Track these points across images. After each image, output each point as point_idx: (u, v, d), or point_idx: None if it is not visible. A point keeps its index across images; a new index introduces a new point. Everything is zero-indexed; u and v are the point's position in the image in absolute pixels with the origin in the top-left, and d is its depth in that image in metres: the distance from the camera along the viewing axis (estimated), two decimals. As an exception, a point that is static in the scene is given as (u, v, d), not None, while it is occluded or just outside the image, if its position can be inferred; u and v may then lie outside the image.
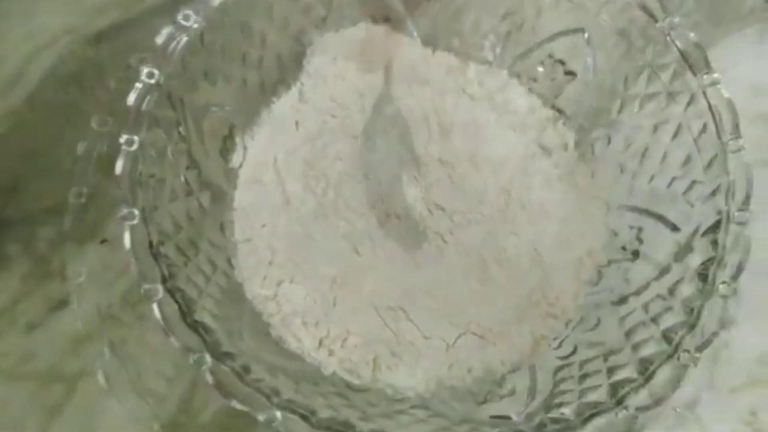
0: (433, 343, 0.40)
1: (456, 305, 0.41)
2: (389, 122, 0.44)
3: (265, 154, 0.44)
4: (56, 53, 0.52)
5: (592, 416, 0.33)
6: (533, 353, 0.40)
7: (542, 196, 0.45)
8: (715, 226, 0.37)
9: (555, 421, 0.34)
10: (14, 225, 0.46)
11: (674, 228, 0.40)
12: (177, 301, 0.33)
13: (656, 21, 0.41)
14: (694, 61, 0.40)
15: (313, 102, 0.46)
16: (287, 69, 0.46)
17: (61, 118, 0.49)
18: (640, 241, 0.42)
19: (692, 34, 0.40)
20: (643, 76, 0.43)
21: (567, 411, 0.34)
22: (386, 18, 0.47)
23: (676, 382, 0.33)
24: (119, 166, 0.36)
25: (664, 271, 0.39)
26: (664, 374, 0.34)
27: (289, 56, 0.46)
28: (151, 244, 0.34)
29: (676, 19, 0.41)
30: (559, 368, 0.39)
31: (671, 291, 0.37)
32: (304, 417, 0.31)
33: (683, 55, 0.40)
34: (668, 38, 0.41)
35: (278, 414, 0.31)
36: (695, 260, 0.37)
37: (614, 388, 0.34)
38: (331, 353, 0.39)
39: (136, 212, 0.35)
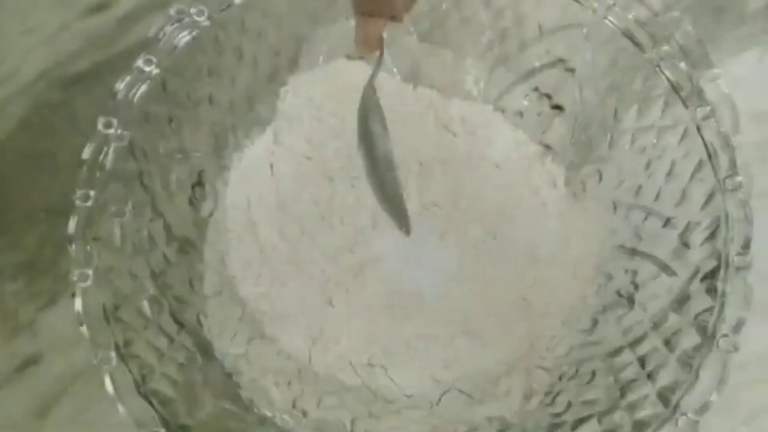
0: (415, 401, 0.38)
1: (439, 360, 0.39)
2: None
3: (238, 201, 0.43)
4: (30, 98, 0.50)
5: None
6: (523, 410, 0.38)
7: (530, 236, 0.42)
8: (714, 272, 0.34)
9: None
10: (-22, 280, 0.44)
11: (671, 272, 0.37)
12: (131, 370, 0.31)
13: (644, 51, 0.39)
14: (686, 93, 0.38)
15: (288, 144, 0.44)
16: (260, 111, 0.44)
17: (33, 169, 0.48)
18: (636, 286, 0.39)
19: (683, 64, 0.38)
20: (633, 109, 0.40)
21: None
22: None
23: (673, 450, 0.30)
24: (72, 224, 0.34)
25: (661, 320, 0.36)
26: (661, 439, 0.31)
27: (262, 97, 0.44)
28: (105, 309, 0.32)
29: (665, 48, 0.39)
30: (552, 427, 0.36)
31: (668, 343, 0.34)
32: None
33: (674, 87, 0.38)
34: (657, 69, 0.38)
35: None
36: (693, 309, 0.34)
37: (607, 455, 0.31)
38: (305, 415, 0.37)
39: (90, 273, 0.33)
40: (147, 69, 0.37)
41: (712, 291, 0.34)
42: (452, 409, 0.37)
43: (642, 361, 0.35)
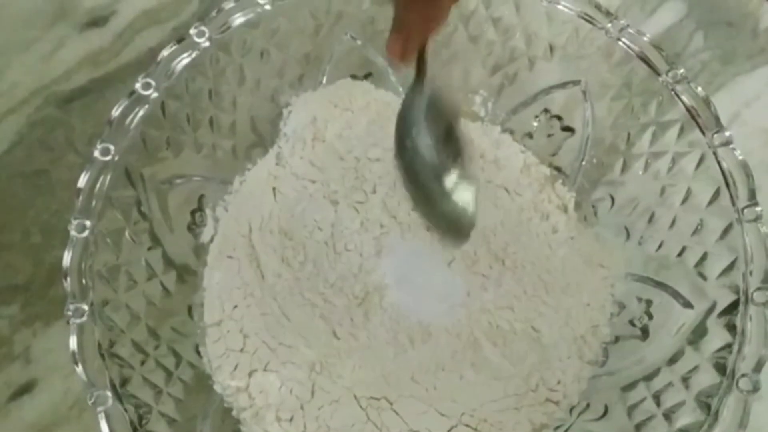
0: (422, 437, 0.36)
1: (446, 393, 0.37)
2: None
3: (239, 226, 0.41)
4: (26, 115, 0.49)
5: None
6: (533, 447, 0.36)
7: (539, 264, 0.41)
8: (733, 307, 0.33)
9: None
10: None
11: (686, 304, 0.36)
12: (127, 410, 0.30)
13: (659, 74, 0.38)
14: (703, 118, 0.36)
15: (291, 166, 0.43)
16: (262, 132, 0.43)
17: (28, 187, 0.46)
18: (650, 316, 0.38)
19: (699, 89, 0.37)
20: (647, 133, 0.39)
21: None
22: (367, 74, 0.44)
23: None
24: (67, 256, 0.32)
25: (678, 354, 0.35)
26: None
27: (264, 119, 0.43)
28: (100, 346, 0.31)
29: (681, 71, 0.37)
30: (563, 465, 0.35)
31: (685, 380, 0.33)
32: None
33: (690, 111, 0.37)
34: (673, 93, 0.37)
35: None
36: (711, 345, 0.33)
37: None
38: (308, 453, 0.36)
39: (85, 308, 0.32)
40: (145, 93, 0.36)
41: (730, 327, 0.33)
42: (459, 444, 0.36)
43: (657, 398, 0.34)
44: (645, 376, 0.35)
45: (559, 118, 0.43)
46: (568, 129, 0.43)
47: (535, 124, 0.43)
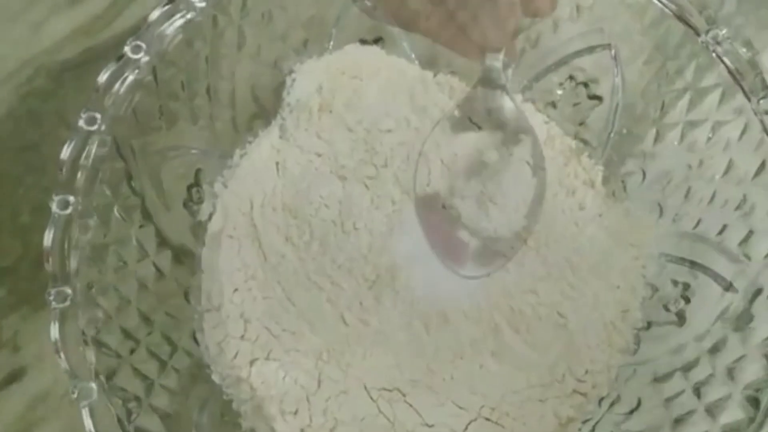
0: (437, 431, 0.33)
1: (464, 384, 0.34)
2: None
3: (240, 203, 0.38)
4: (15, 87, 0.46)
5: None
6: (560, 442, 0.34)
7: (565, 243, 0.38)
8: (784, 290, 0.30)
9: None
10: (-43, 291, 0.41)
11: (728, 287, 0.33)
12: (113, 404, 0.27)
13: (698, 34, 0.34)
14: (748, 82, 0.33)
15: (295, 139, 0.40)
16: (264, 103, 0.40)
17: (18, 164, 0.44)
18: (687, 300, 0.35)
19: (744, 50, 0.33)
20: (683, 100, 0.36)
21: None
22: (377, 38, 0.41)
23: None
24: (48, 236, 0.30)
25: (720, 343, 0.32)
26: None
27: (266, 88, 0.40)
28: (84, 334, 0.28)
29: (723, 31, 0.34)
30: (593, 463, 0.32)
31: (730, 372, 0.30)
32: None
33: (733, 74, 0.33)
34: (714, 55, 0.34)
35: None
36: (759, 333, 0.30)
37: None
38: (312, 446, 0.33)
39: (69, 292, 0.29)
40: (135, 57, 0.33)
41: (781, 312, 0.30)
42: (480, 439, 0.33)
43: (698, 391, 0.31)
44: (683, 366, 0.33)
45: (585, 85, 0.40)
46: (596, 97, 0.40)
47: (560, 92, 0.40)
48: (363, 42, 0.41)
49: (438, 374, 0.35)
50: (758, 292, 0.31)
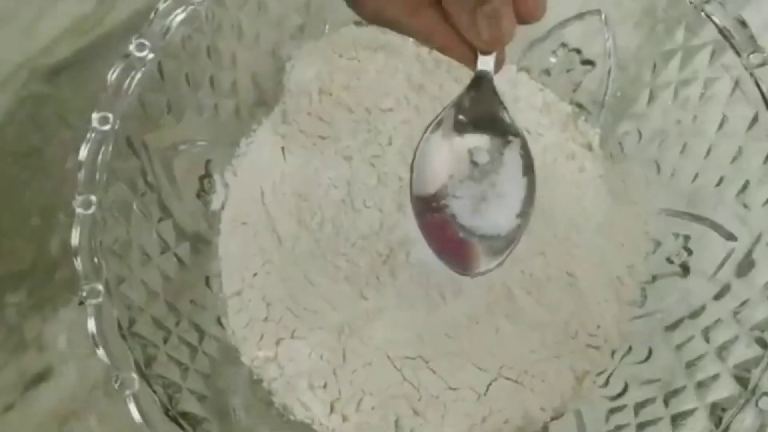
0: (461, 393, 0.35)
1: (483, 347, 0.36)
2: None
3: (251, 190, 0.39)
4: (12, 91, 0.46)
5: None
6: (577, 394, 0.35)
7: (569, 206, 0.39)
8: (783, 234, 0.31)
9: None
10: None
11: (729, 236, 0.34)
12: (156, 392, 0.28)
13: (686, -6, 0.35)
14: (737, 39, 0.34)
15: (298, 123, 0.40)
16: (265, 90, 0.41)
17: (22, 168, 0.44)
18: (689, 251, 0.36)
19: (732, 7, 0.34)
20: (675, 59, 0.37)
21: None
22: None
23: (759, 435, 0.28)
24: (75, 235, 0.30)
25: (724, 289, 0.33)
26: (742, 423, 0.28)
27: (266, 75, 0.41)
28: (120, 326, 0.29)
29: (711, -11, 0.35)
30: (611, 412, 0.33)
31: (736, 314, 0.32)
32: None
33: (723, 32, 0.34)
34: (703, 14, 0.35)
35: None
36: (762, 277, 0.31)
37: (683, 445, 0.29)
38: (345, 419, 0.34)
39: (101, 288, 0.30)
40: (140, 55, 0.34)
41: (781, 256, 0.31)
42: (501, 398, 0.35)
43: (706, 335, 0.32)
44: (690, 313, 0.34)
45: (578, 51, 0.40)
46: (588, 62, 0.40)
47: (553, 60, 0.41)
48: (358, 24, 0.41)
49: (457, 340, 0.36)
50: (758, 238, 0.33)
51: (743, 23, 0.34)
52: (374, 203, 0.38)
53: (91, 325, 0.29)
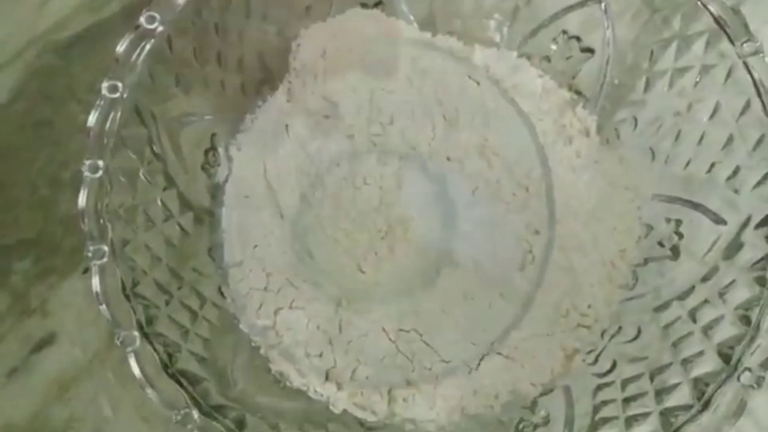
0: (453, 366, 0.36)
1: (476, 323, 0.37)
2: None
3: (254, 165, 0.40)
4: (23, 65, 0.47)
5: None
6: (566, 371, 0.36)
7: (564, 189, 0.40)
8: (768, 218, 0.32)
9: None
10: (-15, 259, 0.42)
11: (718, 220, 0.35)
12: (156, 350, 0.29)
13: (683, -17, 0.36)
14: (732, 28, 0.35)
15: (303, 102, 0.41)
16: (271, 68, 0.42)
17: (32, 140, 0.45)
18: (680, 235, 0.37)
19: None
20: (671, 48, 0.38)
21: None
22: (377, 2, 0.42)
23: (739, 408, 0.28)
24: (82, 197, 0.31)
25: (712, 271, 0.34)
26: (724, 398, 0.29)
27: (273, 53, 0.41)
28: (123, 286, 0.30)
29: (707, -20, 0.36)
30: (599, 388, 0.34)
31: (722, 295, 0.32)
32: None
33: (718, 21, 0.35)
34: (699, 3, 0.36)
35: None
36: (747, 258, 0.32)
37: (666, 417, 0.30)
38: (339, 387, 0.35)
39: (105, 249, 0.31)
40: (150, 27, 0.34)
41: (767, 238, 0.32)
42: (493, 373, 0.36)
43: (693, 315, 0.33)
44: (679, 295, 0.35)
45: (578, 39, 0.41)
46: (588, 50, 0.41)
47: (553, 47, 0.42)
48: (363, 6, 0.42)
49: (451, 314, 0.37)
50: (746, 222, 0.33)
51: (738, 12, 0.35)
52: (374, 180, 0.39)
53: (96, 284, 0.30)
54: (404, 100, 0.41)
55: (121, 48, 0.34)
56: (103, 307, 0.30)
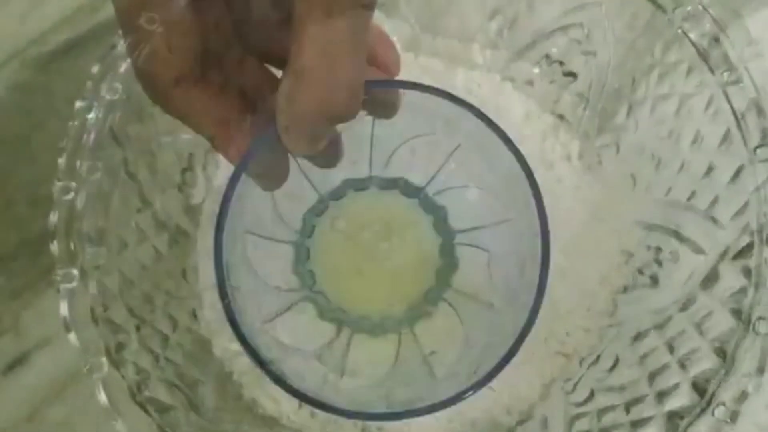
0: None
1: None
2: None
3: (232, 185, 0.39)
4: (2, 80, 0.47)
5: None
6: (544, 400, 0.36)
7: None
8: (747, 249, 0.32)
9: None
10: (-45, 278, 0.41)
11: (698, 249, 0.35)
12: (125, 377, 0.29)
13: (665, 12, 0.36)
14: (713, 57, 0.35)
15: (283, 122, 0.41)
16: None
17: (9, 156, 0.45)
18: (659, 263, 0.37)
19: (708, 25, 0.35)
20: (653, 75, 0.38)
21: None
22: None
23: (712, 444, 0.28)
24: (53, 219, 0.31)
25: (690, 301, 0.34)
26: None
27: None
28: (93, 311, 0.29)
29: (689, 8, 0.36)
30: (576, 417, 0.34)
31: (699, 326, 0.32)
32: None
33: (699, 50, 0.35)
34: (680, 31, 0.36)
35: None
36: (725, 290, 0.32)
37: (640, 450, 0.29)
38: (313, 415, 0.34)
39: (75, 272, 0.30)
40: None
41: (745, 271, 0.32)
42: (469, 401, 0.35)
43: (670, 346, 0.33)
44: (656, 324, 0.35)
45: (561, 63, 0.41)
46: (571, 74, 0.41)
47: (536, 70, 0.42)
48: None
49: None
50: (724, 253, 0.33)
51: (719, 41, 0.35)
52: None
53: (64, 308, 0.29)
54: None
55: (96, 68, 0.34)
56: (72, 333, 0.29)
